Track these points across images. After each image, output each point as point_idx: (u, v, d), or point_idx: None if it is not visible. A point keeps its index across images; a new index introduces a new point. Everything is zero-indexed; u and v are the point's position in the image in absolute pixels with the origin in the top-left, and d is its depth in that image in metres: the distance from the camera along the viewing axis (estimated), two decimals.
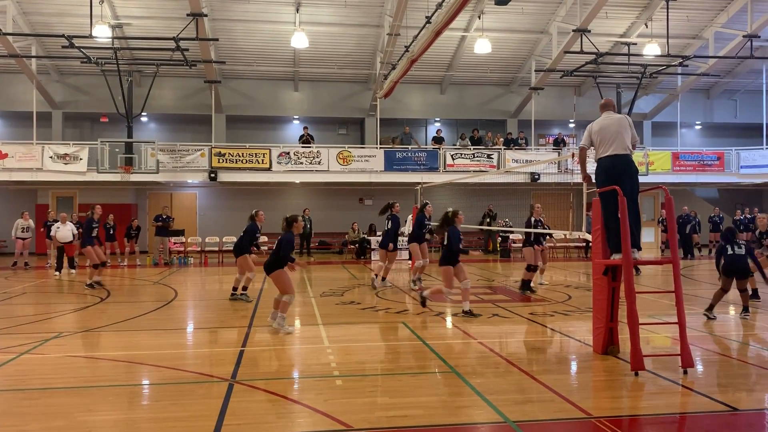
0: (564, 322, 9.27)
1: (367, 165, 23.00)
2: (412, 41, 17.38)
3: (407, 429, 4.75)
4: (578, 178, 21.05)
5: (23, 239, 19.00)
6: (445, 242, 9.93)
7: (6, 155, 21.01)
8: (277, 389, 5.77)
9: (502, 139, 24.85)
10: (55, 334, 8.40)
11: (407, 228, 20.95)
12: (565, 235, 23.03)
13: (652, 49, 22.00)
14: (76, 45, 18.92)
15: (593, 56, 21.61)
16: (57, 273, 16.23)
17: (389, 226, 13.64)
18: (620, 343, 7.11)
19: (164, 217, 19.91)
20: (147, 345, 8.03)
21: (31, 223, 19.46)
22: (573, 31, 21.04)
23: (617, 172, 6.78)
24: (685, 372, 6.18)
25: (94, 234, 13.90)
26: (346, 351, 7.48)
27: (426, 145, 26.14)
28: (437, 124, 27.45)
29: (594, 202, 7.14)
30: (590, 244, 22.27)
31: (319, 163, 22.72)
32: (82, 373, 6.45)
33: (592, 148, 7.17)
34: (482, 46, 21.37)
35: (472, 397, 5.50)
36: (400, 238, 21.63)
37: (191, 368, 6.57)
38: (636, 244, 6.63)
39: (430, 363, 6.83)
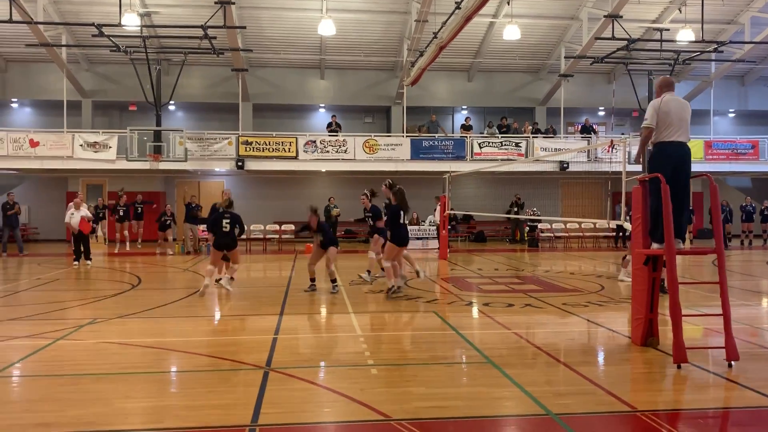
0: (599, 312, 9.11)
1: (393, 153, 22.88)
2: (441, 27, 17.18)
3: (447, 420, 4.66)
4: (611, 167, 20.64)
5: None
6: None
7: (38, 143, 21.30)
8: (312, 377, 5.72)
9: (530, 127, 24.52)
10: (89, 320, 8.46)
11: (436, 218, 20.86)
12: (594, 224, 22.78)
13: (685, 35, 21.53)
14: (106, 33, 19.04)
15: (625, 42, 21.20)
16: (76, 263, 15.71)
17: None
18: (659, 335, 6.94)
19: (193, 205, 19.87)
20: (180, 332, 8.05)
21: (85, 209, 17.72)
22: (604, 17, 20.67)
23: (681, 161, 6.56)
24: (730, 365, 6.00)
25: (226, 229, 11.22)
26: (378, 340, 7.42)
27: (453, 133, 25.94)
28: (464, 112, 27.21)
29: (635, 190, 6.94)
30: (621, 233, 21.78)
31: (345, 151, 22.66)
32: (117, 360, 6.46)
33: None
34: (511, 33, 21.06)
35: (511, 388, 5.39)
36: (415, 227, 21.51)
37: (225, 355, 6.56)
38: (680, 234, 6.44)
39: (464, 353, 6.73)
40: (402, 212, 10.34)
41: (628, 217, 12.28)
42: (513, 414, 4.85)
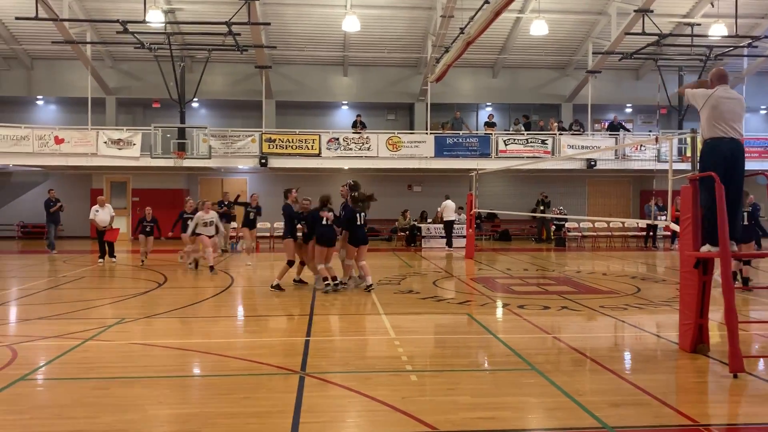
0: (639, 316, 8.78)
1: (416, 151, 22.60)
2: (469, 22, 16.85)
3: None
4: (639, 166, 20.23)
5: (209, 236, 14.24)
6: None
7: (62, 141, 21.33)
8: (350, 383, 5.50)
9: (556, 124, 24.10)
10: (116, 320, 8.32)
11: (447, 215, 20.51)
12: (623, 223, 22.30)
13: (718, 30, 20.98)
14: (130, 30, 18.98)
15: (655, 38, 20.73)
16: (101, 260, 15.73)
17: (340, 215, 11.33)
18: (710, 341, 6.62)
19: (226, 203, 19.11)
20: (209, 333, 7.88)
21: (215, 215, 14.79)
22: (634, 11, 20.19)
23: (733, 159, 6.25)
24: None
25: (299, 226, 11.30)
26: (414, 343, 7.18)
27: (477, 130, 25.60)
28: (488, 109, 26.82)
29: (684, 189, 6.63)
30: (651, 233, 21.35)
31: (369, 149, 22.43)
32: (148, 362, 6.30)
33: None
34: (538, 28, 20.69)
35: (560, 397, 5.12)
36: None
37: (259, 359, 6.35)
38: (734, 236, 6.13)
39: (506, 359, 6.46)
40: (358, 215, 11.05)
41: (662, 217, 11.96)
42: (567, 426, 4.56)
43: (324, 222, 10.76)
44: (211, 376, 6.00)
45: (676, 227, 7.17)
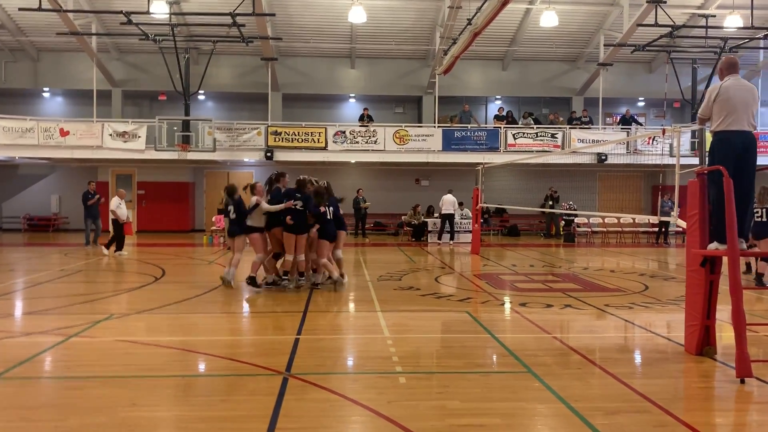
0: (645, 315, 8.46)
1: (424, 144, 22.30)
2: (476, 13, 16.51)
3: None
4: (660, 159, 19.79)
5: None
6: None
7: (67, 133, 21.20)
8: (334, 386, 5.24)
9: (562, 119, 23.67)
10: (106, 316, 8.12)
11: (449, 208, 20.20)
12: (633, 219, 21.88)
13: (733, 21, 20.47)
14: (134, 22, 18.79)
15: (668, 29, 20.25)
16: (106, 251, 15.59)
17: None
18: (717, 344, 6.31)
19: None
20: (199, 330, 7.67)
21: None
22: (647, 2, 19.70)
23: (744, 152, 5.92)
24: None
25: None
26: (407, 342, 6.92)
27: (486, 123, 25.24)
28: (498, 102, 26.44)
29: (691, 184, 6.30)
30: (663, 229, 20.91)
31: (375, 142, 22.15)
32: (130, 361, 6.07)
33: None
34: (548, 19, 20.28)
35: (554, 403, 4.84)
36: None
37: (244, 358, 6.12)
38: (743, 234, 5.81)
39: (501, 360, 6.19)
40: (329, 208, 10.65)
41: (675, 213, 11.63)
42: None
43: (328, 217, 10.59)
44: (192, 376, 5.76)
45: (683, 224, 6.84)
